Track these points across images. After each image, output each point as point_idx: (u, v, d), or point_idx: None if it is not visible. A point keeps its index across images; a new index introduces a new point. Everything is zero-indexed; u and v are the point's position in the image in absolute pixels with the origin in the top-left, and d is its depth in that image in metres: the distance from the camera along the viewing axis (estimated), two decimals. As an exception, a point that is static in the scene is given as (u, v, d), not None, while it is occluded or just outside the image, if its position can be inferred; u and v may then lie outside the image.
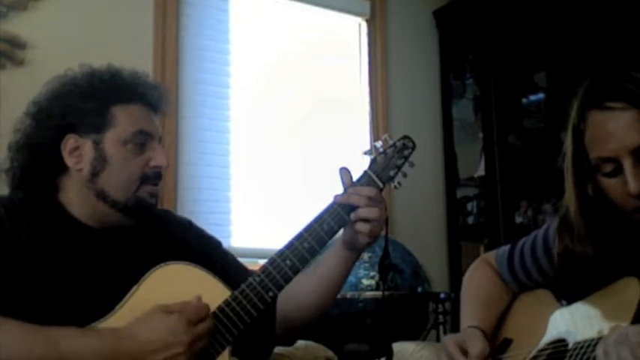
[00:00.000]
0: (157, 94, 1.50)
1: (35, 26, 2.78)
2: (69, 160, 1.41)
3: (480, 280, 1.53)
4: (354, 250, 1.47)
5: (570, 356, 1.21)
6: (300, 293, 1.49)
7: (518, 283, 1.49)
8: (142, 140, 1.43)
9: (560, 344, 1.29)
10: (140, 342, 1.24)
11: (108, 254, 1.41)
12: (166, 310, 1.27)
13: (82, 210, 1.42)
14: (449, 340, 1.37)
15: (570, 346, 1.24)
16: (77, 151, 1.41)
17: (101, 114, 1.41)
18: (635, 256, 1.24)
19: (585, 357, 1.17)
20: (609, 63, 2.93)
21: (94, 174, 1.40)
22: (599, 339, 1.16)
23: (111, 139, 1.41)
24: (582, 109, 1.26)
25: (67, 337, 1.23)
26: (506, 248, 1.54)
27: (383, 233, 1.49)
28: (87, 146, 1.41)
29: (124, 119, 1.42)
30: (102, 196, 1.40)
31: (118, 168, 1.40)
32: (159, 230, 1.51)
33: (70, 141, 1.41)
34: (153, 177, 1.43)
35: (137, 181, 1.41)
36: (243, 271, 1.55)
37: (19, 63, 2.72)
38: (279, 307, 1.51)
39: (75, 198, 1.42)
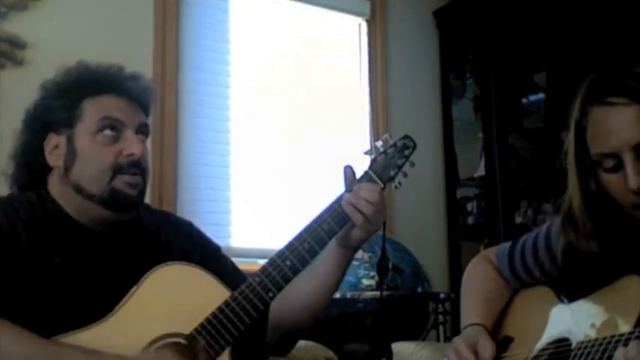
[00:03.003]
0: (137, 85, 1.48)
1: (35, 26, 2.78)
2: (49, 159, 1.43)
3: (480, 277, 1.52)
4: (348, 247, 1.46)
5: (574, 356, 1.21)
6: (294, 295, 1.48)
7: (518, 280, 1.49)
8: (109, 124, 1.41)
9: (562, 344, 1.28)
10: None
11: (107, 253, 1.41)
12: (179, 351, 1.27)
13: (69, 207, 1.42)
14: (460, 341, 1.35)
15: (573, 345, 1.24)
16: (57, 149, 1.43)
17: (71, 109, 1.42)
18: (636, 253, 1.24)
19: (590, 357, 1.16)
20: (611, 59, 2.92)
21: (67, 169, 1.41)
22: (604, 339, 1.16)
23: (80, 132, 1.41)
24: (584, 104, 1.26)
25: (71, 355, 1.23)
26: (506, 245, 1.53)
27: (380, 233, 1.49)
28: (62, 143, 1.42)
29: (91, 110, 1.42)
30: (78, 189, 1.40)
31: (86, 160, 1.40)
32: (158, 230, 1.51)
33: (51, 140, 1.43)
34: (127, 166, 1.41)
35: (109, 171, 1.39)
36: (241, 277, 1.52)
37: (19, 63, 2.72)
38: (273, 313, 1.50)
39: (60, 195, 1.43)
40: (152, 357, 1.27)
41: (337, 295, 2.68)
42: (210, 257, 1.54)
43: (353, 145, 3.47)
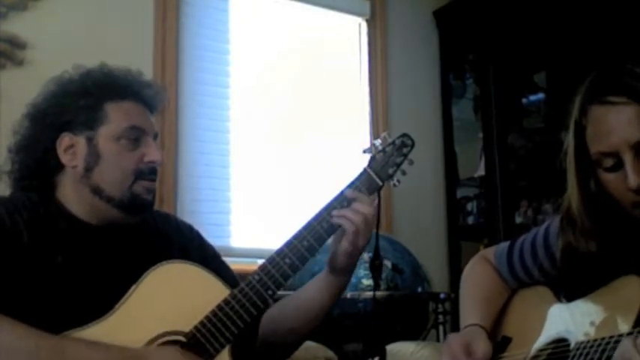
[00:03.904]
0: (152, 92, 1.50)
1: (35, 26, 2.78)
2: (64, 158, 1.43)
3: (479, 277, 1.52)
4: (336, 272, 1.45)
5: (573, 357, 1.20)
6: (281, 317, 1.49)
7: (517, 280, 1.49)
8: (135, 136, 1.43)
9: (561, 344, 1.28)
10: None
11: (108, 252, 1.41)
12: (179, 350, 1.27)
13: (80, 207, 1.42)
14: (454, 339, 1.35)
15: (572, 346, 1.24)
16: (72, 149, 1.42)
17: (94, 111, 1.42)
18: (635, 253, 1.24)
19: (589, 358, 1.16)
20: (611, 58, 2.92)
21: (88, 170, 1.41)
22: (602, 339, 1.16)
23: (103, 135, 1.42)
24: (584, 103, 1.26)
25: (73, 348, 1.23)
26: (505, 245, 1.53)
27: (374, 238, 1.49)
28: (81, 143, 1.42)
29: (117, 115, 1.43)
30: (97, 191, 1.41)
31: (111, 163, 1.41)
32: (159, 230, 1.52)
33: (65, 139, 1.42)
34: (147, 172, 1.43)
35: (131, 176, 1.41)
36: (237, 285, 1.53)
37: (19, 63, 2.72)
38: (261, 328, 1.50)
39: (72, 195, 1.43)
40: (154, 350, 1.26)
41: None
42: (210, 261, 1.54)
43: (353, 145, 3.46)
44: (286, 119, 3.41)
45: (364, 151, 1.46)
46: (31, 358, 1.20)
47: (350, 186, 1.43)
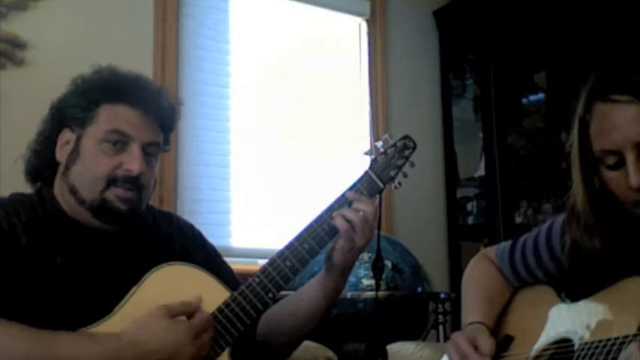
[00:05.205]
0: (159, 101, 1.46)
1: (35, 26, 2.78)
2: (58, 154, 1.43)
3: (480, 276, 1.52)
4: (332, 271, 1.43)
5: (577, 357, 1.20)
6: (279, 317, 1.48)
7: (519, 279, 1.49)
8: (116, 139, 1.39)
9: (564, 344, 1.27)
10: (144, 351, 1.23)
11: (108, 253, 1.40)
12: (171, 313, 1.26)
13: (67, 206, 1.41)
14: (460, 336, 1.35)
15: (576, 347, 1.23)
16: (67, 146, 1.43)
17: (87, 110, 1.41)
18: (638, 252, 1.23)
19: (594, 359, 1.16)
20: (614, 57, 2.92)
21: (67, 167, 1.41)
22: (608, 340, 1.15)
23: (89, 135, 1.41)
24: (589, 100, 1.26)
25: (66, 343, 1.22)
26: (507, 244, 1.53)
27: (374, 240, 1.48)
28: (72, 140, 1.42)
29: (105, 117, 1.41)
30: (73, 191, 1.40)
31: (86, 164, 1.39)
32: (160, 231, 1.51)
33: (65, 135, 1.43)
34: (122, 180, 1.38)
35: (103, 181, 1.38)
36: (237, 285, 1.51)
37: (19, 63, 2.71)
38: (260, 328, 1.50)
39: (59, 193, 1.42)
40: (145, 329, 1.25)
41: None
42: (212, 261, 1.54)
43: (353, 145, 3.47)
44: (286, 119, 3.41)
45: (365, 153, 1.46)
46: (26, 358, 1.20)
47: (351, 188, 1.42)
